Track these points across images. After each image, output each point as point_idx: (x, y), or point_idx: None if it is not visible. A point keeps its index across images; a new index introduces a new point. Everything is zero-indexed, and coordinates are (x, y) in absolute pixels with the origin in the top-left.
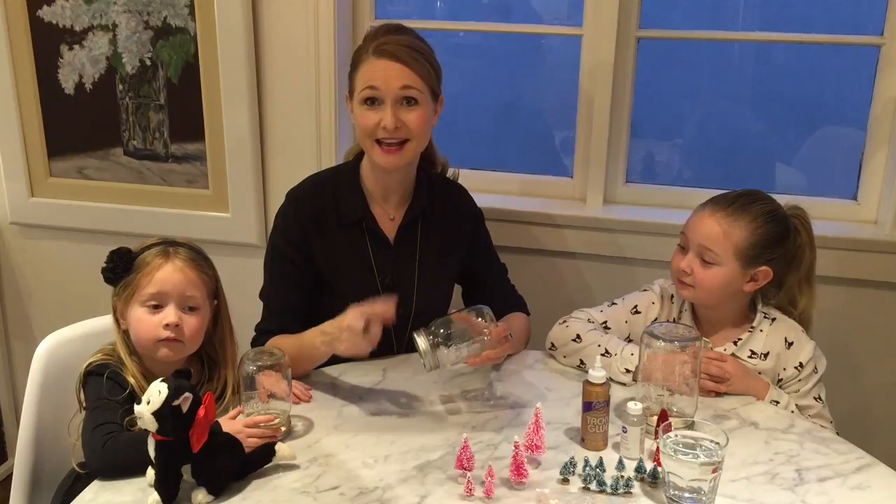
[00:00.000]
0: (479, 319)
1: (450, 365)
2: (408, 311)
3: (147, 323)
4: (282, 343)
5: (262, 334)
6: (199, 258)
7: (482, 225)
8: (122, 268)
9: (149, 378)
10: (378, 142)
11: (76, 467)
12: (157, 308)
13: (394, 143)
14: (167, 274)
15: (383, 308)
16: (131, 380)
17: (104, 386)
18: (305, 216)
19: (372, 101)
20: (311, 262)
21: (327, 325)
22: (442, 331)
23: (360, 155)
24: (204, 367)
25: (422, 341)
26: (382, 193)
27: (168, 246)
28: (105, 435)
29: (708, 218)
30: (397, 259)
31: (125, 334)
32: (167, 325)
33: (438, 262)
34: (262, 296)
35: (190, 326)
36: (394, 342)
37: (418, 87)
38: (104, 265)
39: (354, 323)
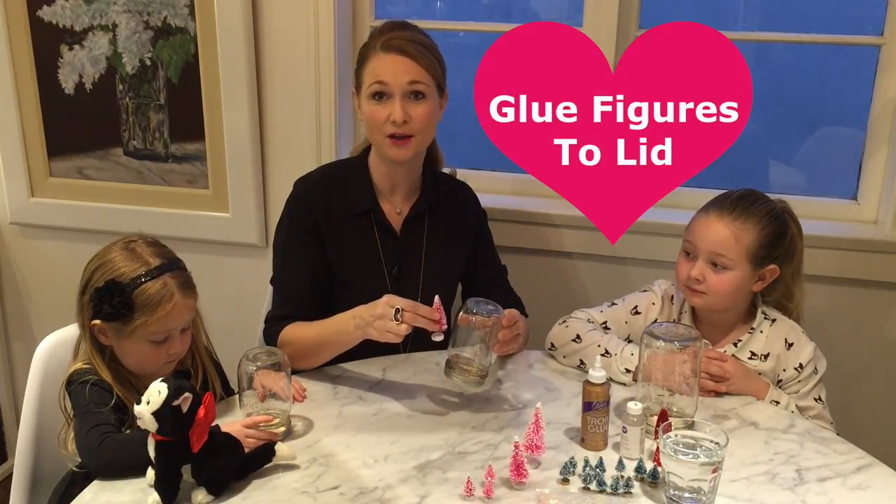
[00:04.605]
0: (476, 312)
1: (489, 366)
2: None
3: (154, 356)
4: (304, 330)
5: (277, 321)
6: (189, 280)
7: (486, 224)
8: (126, 309)
9: (133, 384)
10: (387, 135)
11: (74, 468)
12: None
13: (403, 136)
14: (176, 315)
15: (414, 304)
16: (114, 387)
17: (89, 392)
18: (315, 203)
19: (380, 96)
20: (322, 248)
21: (359, 310)
22: (463, 351)
23: (367, 149)
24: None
25: (457, 376)
26: (390, 187)
27: (161, 275)
28: (102, 435)
29: (716, 223)
30: (404, 251)
31: (102, 348)
32: (173, 352)
33: (444, 255)
34: (273, 282)
35: (185, 344)
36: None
37: (425, 82)
38: (107, 306)
39: (386, 311)
